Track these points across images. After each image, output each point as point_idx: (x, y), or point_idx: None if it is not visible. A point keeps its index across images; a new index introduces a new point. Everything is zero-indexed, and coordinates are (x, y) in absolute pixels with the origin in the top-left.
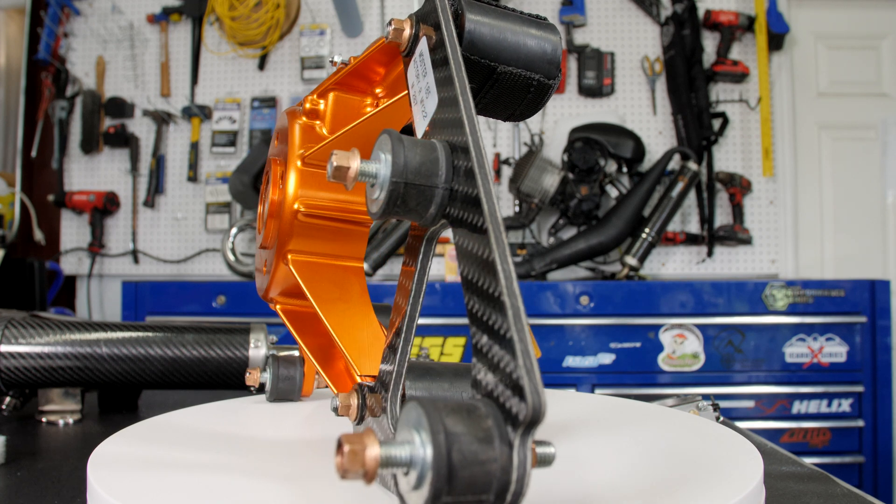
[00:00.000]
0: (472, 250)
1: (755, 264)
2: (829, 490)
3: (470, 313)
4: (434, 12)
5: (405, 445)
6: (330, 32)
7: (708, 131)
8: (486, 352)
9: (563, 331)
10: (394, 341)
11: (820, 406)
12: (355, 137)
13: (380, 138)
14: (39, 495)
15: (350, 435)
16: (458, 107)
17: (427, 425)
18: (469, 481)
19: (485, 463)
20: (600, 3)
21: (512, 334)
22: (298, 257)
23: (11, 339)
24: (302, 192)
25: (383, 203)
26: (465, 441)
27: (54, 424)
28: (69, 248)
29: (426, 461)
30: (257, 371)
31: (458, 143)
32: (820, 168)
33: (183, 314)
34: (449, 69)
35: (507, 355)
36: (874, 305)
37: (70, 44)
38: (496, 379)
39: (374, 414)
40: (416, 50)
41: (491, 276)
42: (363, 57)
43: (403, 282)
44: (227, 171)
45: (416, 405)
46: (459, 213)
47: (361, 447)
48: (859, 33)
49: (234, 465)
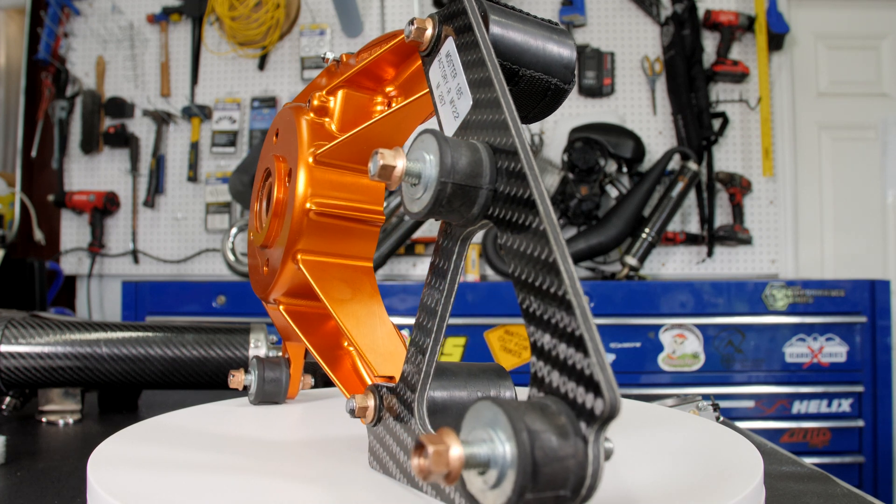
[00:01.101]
0: (526, 250)
1: (755, 264)
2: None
3: (526, 313)
4: (463, 15)
5: (483, 444)
6: (330, 32)
7: (708, 131)
8: (550, 350)
9: None
10: (422, 341)
11: (820, 406)
12: (367, 136)
13: (422, 138)
14: (39, 495)
15: (430, 435)
16: (499, 109)
17: (507, 423)
18: (550, 477)
19: (563, 459)
20: (600, 3)
21: (582, 332)
22: (309, 257)
23: (11, 339)
24: (313, 190)
25: (429, 203)
26: (545, 437)
27: (54, 424)
28: (69, 248)
29: (507, 459)
30: (241, 373)
31: (499, 145)
32: (820, 168)
33: (183, 314)
34: (485, 71)
35: (578, 353)
36: (874, 305)
37: (70, 44)
38: (565, 376)
39: (395, 414)
40: (439, 50)
41: (553, 276)
42: (375, 56)
43: (433, 282)
44: (227, 171)
45: (490, 404)
46: (506, 213)
47: (445, 448)
48: (859, 33)
49: (234, 465)
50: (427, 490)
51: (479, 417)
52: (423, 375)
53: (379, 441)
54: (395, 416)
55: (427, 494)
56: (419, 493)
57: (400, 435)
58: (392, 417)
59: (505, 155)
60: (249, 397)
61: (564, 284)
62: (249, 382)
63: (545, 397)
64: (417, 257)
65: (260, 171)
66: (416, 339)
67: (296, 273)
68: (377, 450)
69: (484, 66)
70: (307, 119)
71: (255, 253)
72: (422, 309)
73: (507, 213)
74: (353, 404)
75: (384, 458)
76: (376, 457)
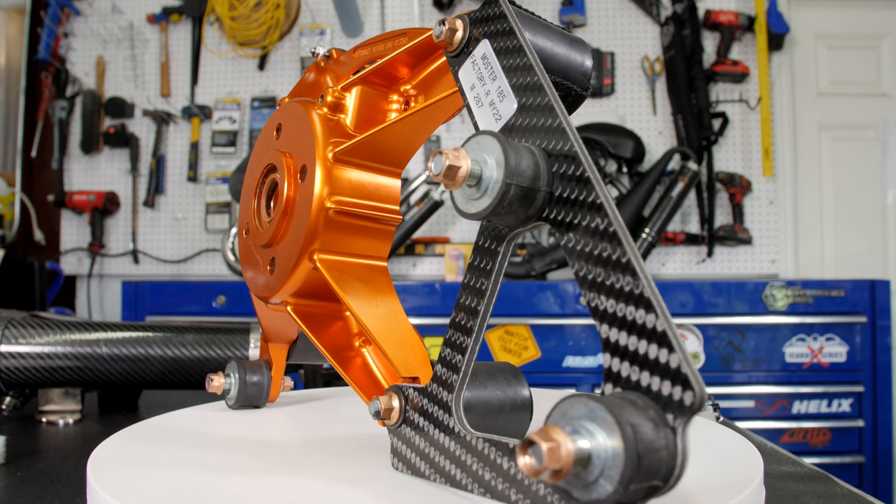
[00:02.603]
0: (593, 251)
1: (755, 264)
2: (829, 490)
3: (596, 311)
4: (500, 20)
5: (586, 439)
6: (330, 32)
7: (708, 131)
8: (628, 347)
9: (563, 331)
10: (461, 341)
11: (820, 406)
12: (387, 134)
13: (479, 139)
14: (39, 495)
15: (539, 432)
16: (552, 115)
17: (611, 417)
18: (648, 469)
19: (658, 450)
20: (600, 3)
21: (665, 328)
22: (326, 256)
23: (11, 339)
24: (332, 188)
25: (491, 205)
26: (644, 430)
27: (54, 424)
28: (69, 248)
29: (610, 453)
30: (219, 376)
31: (553, 149)
32: (820, 168)
33: (183, 314)
34: (533, 77)
35: (662, 349)
36: (874, 305)
37: (70, 44)
38: (647, 371)
39: (427, 415)
40: (472, 52)
41: (628, 276)
42: (394, 55)
43: (473, 281)
44: (227, 171)
45: (585, 400)
46: (566, 215)
47: (556, 444)
48: (859, 33)
49: (234, 465)
50: (474, 489)
51: (569, 413)
52: (462, 375)
53: (405, 442)
54: (427, 417)
55: (474, 493)
56: (462, 493)
57: (435, 435)
58: (422, 418)
59: (561, 159)
60: (228, 401)
61: (642, 283)
62: (229, 386)
63: (626, 392)
64: (417, 257)
65: (257, 166)
66: (453, 339)
67: (311, 273)
68: (403, 451)
69: (530, 72)
70: (320, 114)
71: (253, 252)
72: (459, 309)
73: (568, 216)
74: (378, 406)
75: (412, 459)
76: (402, 458)
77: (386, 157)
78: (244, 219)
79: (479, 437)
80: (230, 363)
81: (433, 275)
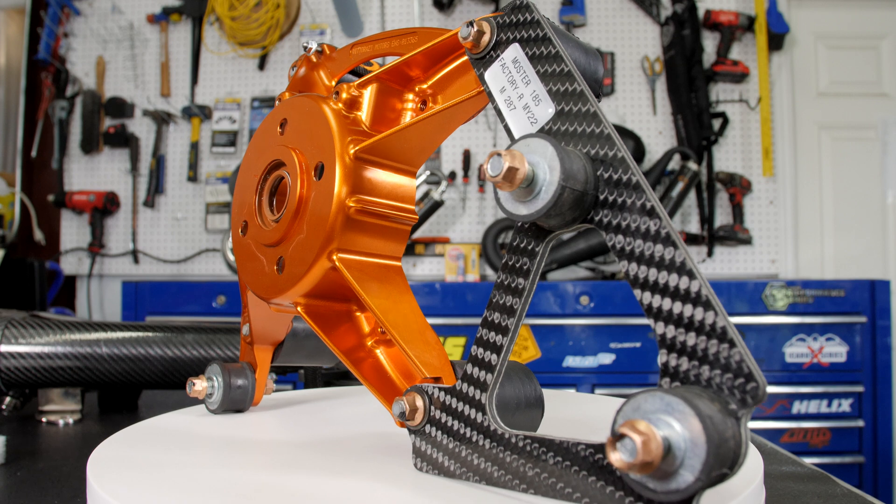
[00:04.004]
0: (646, 252)
1: (755, 264)
2: (829, 490)
3: (650, 310)
4: (533, 26)
5: (665, 431)
6: (330, 32)
7: (708, 131)
8: (687, 343)
9: (563, 331)
10: (496, 340)
11: (820, 406)
12: (407, 133)
13: (529, 142)
14: (39, 495)
15: (626, 426)
16: (597, 122)
17: (689, 409)
18: (723, 458)
19: (728, 440)
20: (600, 3)
21: (725, 325)
22: (346, 256)
23: (11, 339)
24: (353, 187)
25: (545, 207)
26: (718, 421)
27: (54, 424)
28: (69, 248)
29: (689, 443)
30: (202, 380)
31: (597, 155)
32: (820, 168)
33: (183, 314)
34: (573, 83)
35: (722, 344)
36: (874, 305)
37: (70, 44)
38: (707, 366)
39: (457, 414)
40: (500, 55)
41: (684, 276)
42: (409, 55)
43: (508, 281)
44: (227, 171)
45: (660, 394)
46: (613, 218)
47: (648, 437)
48: (859, 33)
49: (234, 465)
50: (515, 486)
51: (642, 408)
52: (497, 374)
53: (430, 442)
54: (457, 417)
55: (515, 490)
56: (500, 491)
57: (468, 434)
58: (451, 417)
59: (606, 164)
60: (210, 406)
61: (699, 283)
62: (213, 390)
63: (687, 386)
64: (417, 257)
65: (257, 162)
66: (487, 338)
67: (327, 273)
68: (427, 451)
69: (570, 79)
70: (336, 110)
71: (254, 251)
72: (494, 309)
73: (617, 219)
74: (403, 407)
75: (440, 459)
76: (426, 458)
77: (404, 157)
78: (240, 216)
79: (518, 435)
80: (212, 366)
81: (433, 275)
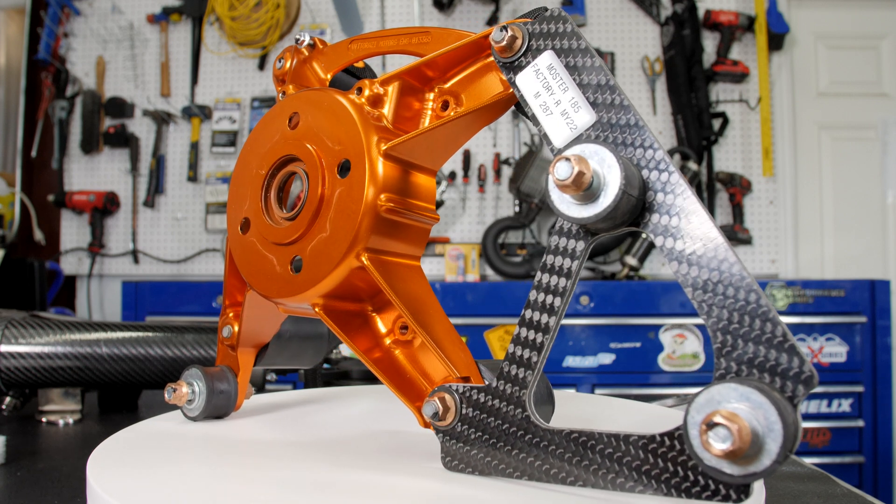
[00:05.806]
0: (695, 253)
1: (755, 264)
2: (829, 490)
3: (701, 307)
4: (570, 36)
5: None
6: (330, 32)
7: (708, 131)
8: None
9: (563, 331)
10: (536, 338)
11: (820, 406)
12: (434, 133)
13: (586, 148)
14: (39, 495)
15: (720, 413)
16: (641, 133)
17: (764, 398)
18: (792, 440)
19: (791, 425)
20: (600, 3)
21: (775, 317)
22: (374, 256)
23: (11, 339)
24: (384, 186)
25: (605, 211)
26: (786, 407)
27: (54, 424)
28: (69, 248)
29: (768, 429)
30: (182, 385)
31: (641, 163)
32: (820, 168)
33: (183, 314)
34: (616, 96)
35: (775, 336)
36: (874, 305)
37: (70, 44)
38: (763, 357)
39: (494, 412)
40: (534, 61)
41: (734, 274)
42: (433, 55)
43: (548, 281)
44: (227, 171)
45: (734, 385)
46: (660, 221)
47: (738, 427)
48: (859, 33)
49: (233, 465)
50: (562, 479)
51: (715, 398)
52: (536, 371)
53: (464, 441)
54: (495, 415)
55: (562, 483)
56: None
57: (508, 431)
58: (487, 416)
59: (649, 171)
60: (189, 413)
61: (749, 280)
62: (194, 396)
63: (748, 378)
64: None
65: (263, 157)
66: (526, 337)
67: (353, 272)
68: (460, 450)
69: (613, 92)
70: (360, 106)
71: (260, 250)
72: (533, 308)
73: (665, 222)
74: (436, 407)
75: (476, 458)
76: (459, 457)
77: (430, 156)
78: (239, 213)
79: (564, 430)
80: (190, 370)
81: (433, 275)
